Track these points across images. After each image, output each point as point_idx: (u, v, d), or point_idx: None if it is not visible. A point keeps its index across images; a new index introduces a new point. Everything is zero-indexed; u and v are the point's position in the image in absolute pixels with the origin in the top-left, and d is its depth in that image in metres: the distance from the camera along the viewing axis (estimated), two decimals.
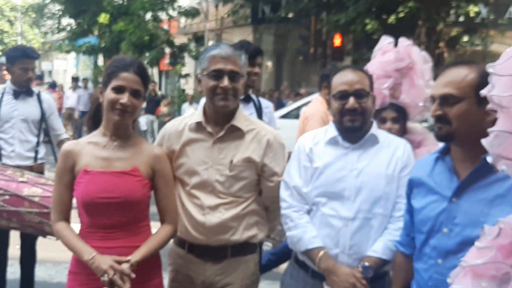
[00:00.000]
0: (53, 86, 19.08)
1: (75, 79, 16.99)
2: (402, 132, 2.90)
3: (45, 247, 4.18)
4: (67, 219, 2.30)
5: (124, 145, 2.29)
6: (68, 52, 20.51)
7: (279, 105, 15.19)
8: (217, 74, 2.35)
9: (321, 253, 2.26)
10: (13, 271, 4.23)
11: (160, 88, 21.92)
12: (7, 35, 40.16)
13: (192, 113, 2.58)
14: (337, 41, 13.89)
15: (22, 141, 3.93)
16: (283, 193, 2.42)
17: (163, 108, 14.67)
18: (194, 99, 14.21)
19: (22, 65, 3.89)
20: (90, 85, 18.01)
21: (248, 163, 2.42)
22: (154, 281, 2.32)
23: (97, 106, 2.35)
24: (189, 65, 19.45)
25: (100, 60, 21.80)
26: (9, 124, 3.89)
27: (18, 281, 4.13)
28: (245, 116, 2.52)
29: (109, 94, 2.20)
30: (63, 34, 22.39)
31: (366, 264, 2.22)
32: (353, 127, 2.30)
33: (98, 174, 2.22)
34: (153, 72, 18.83)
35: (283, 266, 2.42)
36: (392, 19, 11.65)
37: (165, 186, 2.35)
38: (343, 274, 2.21)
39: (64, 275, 4.91)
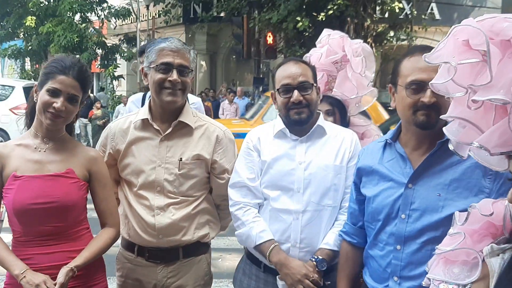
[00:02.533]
0: None
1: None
2: (341, 124, 2.83)
3: None
4: None
5: (57, 148, 2.17)
6: None
7: (215, 104, 15.24)
8: (166, 68, 2.27)
9: (272, 246, 2.22)
10: None
11: (92, 91, 21.36)
12: None
13: (137, 111, 2.48)
14: (270, 39, 14.06)
15: None
16: (229, 191, 2.37)
17: (96, 111, 14.30)
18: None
19: None
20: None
21: (197, 160, 2.35)
22: (98, 285, 2.23)
23: (33, 105, 2.17)
24: (121, 67, 19.11)
25: (27, 64, 21.01)
26: None
27: None
28: (193, 111, 2.46)
29: (43, 96, 2.08)
30: None
31: (320, 257, 2.20)
32: (300, 119, 2.28)
33: (30, 178, 2.08)
34: None
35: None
36: (322, 16, 11.94)
37: (103, 189, 2.25)
38: (295, 266, 2.18)
39: None
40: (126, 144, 2.37)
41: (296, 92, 2.26)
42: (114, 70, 17.65)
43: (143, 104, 3.60)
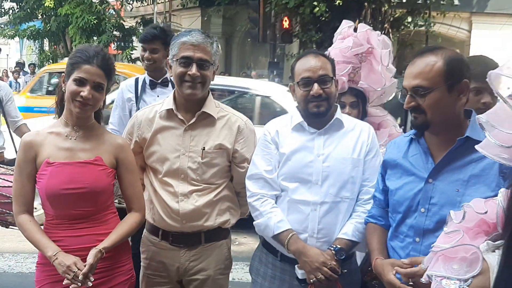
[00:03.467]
0: None
1: (20, 64, 16.47)
2: (362, 116, 2.92)
3: (1, 237, 4.20)
4: (29, 211, 2.29)
5: (86, 135, 2.28)
6: (12, 37, 19.78)
7: None
8: (186, 62, 2.35)
9: (290, 235, 2.28)
10: None
11: None
12: None
13: (163, 101, 2.57)
14: (286, 23, 14.01)
15: None
16: (247, 182, 2.44)
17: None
18: None
19: None
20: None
21: (219, 149, 2.44)
22: (125, 267, 2.36)
23: (62, 95, 2.30)
24: (137, 49, 19.17)
25: (46, 45, 21.15)
26: None
27: None
28: (216, 102, 2.53)
29: (70, 85, 2.19)
30: (5, 18, 21.54)
31: (338, 246, 2.25)
32: (318, 112, 2.31)
33: (61, 165, 2.21)
34: None
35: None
36: (339, 1, 11.88)
37: (129, 175, 2.36)
38: (313, 254, 2.23)
39: (24, 265, 4.95)
40: (152, 132, 2.47)
41: (316, 85, 2.29)
42: (131, 52, 17.72)
43: (136, 88, 3.68)
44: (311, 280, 2.23)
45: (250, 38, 20.30)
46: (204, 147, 2.43)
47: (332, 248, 2.27)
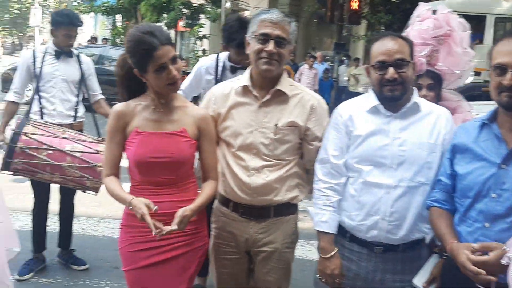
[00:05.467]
0: None
1: (93, 38, 17.13)
2: (437, 99, 2.87)
3: (77, 202, 4.39)
4: (116, 174, 2.44)
5: (171, 108, 2.41)
6: (87, 12, 20.52)
7: (294, 68, 15.28)
8: (264, 38, 2.40)
9: (326, 237, 2.39)
10: (52, 224, 4.49)
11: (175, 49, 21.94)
12: None
13: (238, 77, 2.64)
14: (355, 4, 13.83)
15: (62, 100, 4.05)
16: (315, 165, 2.48)
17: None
18: None
19: (66, 31, 3.99)
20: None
21: (292, 127, 2.48)
22: (202, 232, 2.50)
23: (127, 70, 2.39)
24: (205, 27, 19.41)
25: (118, 21, 21.81)
26: (50, 83, 4.00)
27: (57, 234, 4.38)
28: (289, 81, 2.56)
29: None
30: None
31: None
32: (392, 96, 2.28)
33: (149, 135, 2.35)
34: (170, 33, 18.72)
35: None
36: None
37: (210, 145, 2.48)
38: (334, 264, 2.38)
39: (96, 228, 5.21)
40: (227, 108, 2.54)
41: (391, 69, 2.24)
42: (199, 30, 17.98)
43: (216, 71, 3.71)
44: None
45: (317, 19, 20.15)
46: (277, 124, 2.48)
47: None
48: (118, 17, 22.05)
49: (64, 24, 3.99)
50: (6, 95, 4.14)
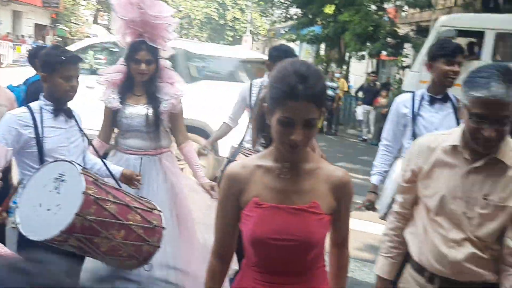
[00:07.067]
0: None
1: None
2: None
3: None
4: (226, 257, 2.01)
5: (301, 173, 1.87)
6: (293, 41, 21.55)
7: None
8: (479, 120, 1.99)
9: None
10: None
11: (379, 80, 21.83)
12: (238, 22, 43.96)
13: (449, 132, 2.30)
14: None
15: None
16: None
17: (382, 100, 14.45)
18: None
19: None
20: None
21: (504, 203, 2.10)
22: None
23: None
24: (409, 57, 18.91)
25: (322, 49, 22.50)
26: None
27: None
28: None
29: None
30: (288, 23, 23.61)
31: None
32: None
33: (272, 208, 1.83)
34: (373, 62, 18.71)
35: None
36: None
37: (346, 213, 1.97)
38: None
39: None
40: (431, 165, 2.28)
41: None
42: (403, 60, 17.61)
43: (413, 104, 3.49)
44: None
45: None
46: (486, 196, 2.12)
47: None
48: (322, 46, 22.72)
49: (279, 57, 4.01)
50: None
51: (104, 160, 3.21)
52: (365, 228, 6.10)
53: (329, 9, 18.30)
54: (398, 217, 2.45)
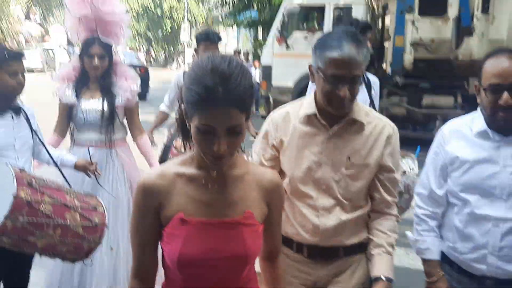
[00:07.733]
0: None
1: (236, 53, 18.20)
2: None
3: None
4: (144, 278, 1.66)
5: (229, 181, 1.60)
6: (230, 26, 21.75)
7: None
8: (335, 80, 2.00)
9: (429, 263, 2.30)
10: None
11: None
12: (175, 12, 43.85)
13: (300, 104, 2.21)
14: None
15: None
16: (417, 196, 2.39)
17: None
18: None
19: (205, 47, 4.18)
20: (250, 57, 19.17)
21: (367, 160, 2.11)
22: None
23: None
24: None
25: (260, 34, 22.86)
26: None
27: None
28: (362, 107, 2.18)
29: None
30: (225, 9, 23.77)
31: None
32: (506, 126, 2.07)
33: (201, 225, 1.55)
34: None
35: None
36: None
37: (279, 219, 1.77)
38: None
39: None
40: (289, 136, 2.27)
41: (506, 94, 1.99)
42: None
43: None
44: None
45: None
46: (349, 157, 2.12)
47: None
48: (260, 30, 23.05)
49: (202, 40, 4.23)
50: (160, 106, 4.70)
51: (50, 152, 3.23)
52: None
53: None
54: None
